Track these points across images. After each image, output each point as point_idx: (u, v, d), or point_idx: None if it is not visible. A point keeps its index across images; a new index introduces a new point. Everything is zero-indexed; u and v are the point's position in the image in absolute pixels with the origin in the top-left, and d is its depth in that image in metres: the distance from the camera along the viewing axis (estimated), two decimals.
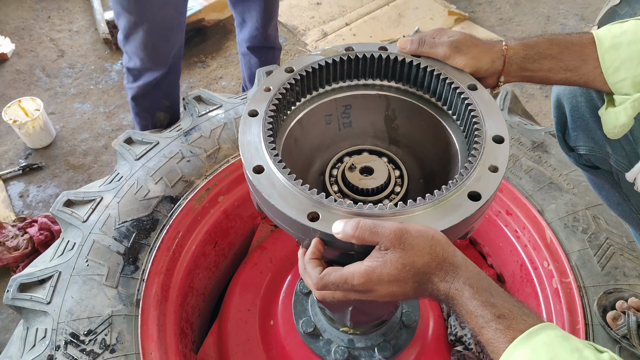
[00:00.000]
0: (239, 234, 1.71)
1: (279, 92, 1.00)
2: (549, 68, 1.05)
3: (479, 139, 0.90)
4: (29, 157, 2.79)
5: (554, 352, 0.69)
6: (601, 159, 1.28)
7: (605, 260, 1.29)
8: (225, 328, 1.50)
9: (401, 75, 1.10)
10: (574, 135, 1.30)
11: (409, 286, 0.79)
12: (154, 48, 2.13)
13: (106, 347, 1.20)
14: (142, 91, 2.27)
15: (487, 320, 0.74)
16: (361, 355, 1.35)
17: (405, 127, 1.15)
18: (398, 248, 0.77)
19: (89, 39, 3.53)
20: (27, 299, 1.27)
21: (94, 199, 1.45)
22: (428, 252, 0.78)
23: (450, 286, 0.78)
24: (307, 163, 1.13)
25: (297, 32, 3.48)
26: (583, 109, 1.25)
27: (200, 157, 1.56)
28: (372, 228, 0.79)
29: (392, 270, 0.78)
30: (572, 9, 3.63)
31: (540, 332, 0.71)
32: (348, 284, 0.80)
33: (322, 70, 1.07)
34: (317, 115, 1.12)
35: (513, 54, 1.05)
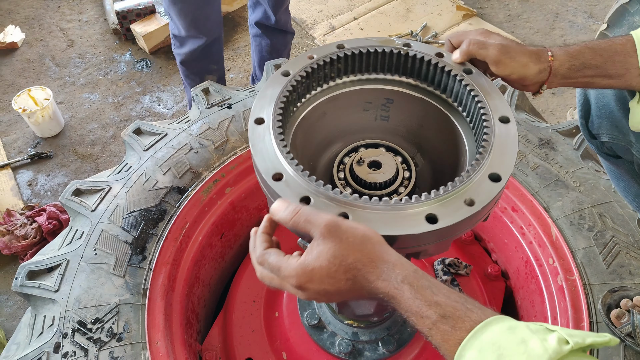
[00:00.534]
0: (246, 226, 1.72)
1: (317, 63, 1.03)
2: (592, 75, 1.05)
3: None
4: (37, 146, 2.81)
5: (500, 350, 0.67)
6: (623, 148, 1.27)
7: (611, 258, 1.29)
8: (230, 319, 1.51)
9: (445, 87, 1.09)
10: (597, 122, 1.30)
11: (342, 283, 0.76)
12: (193, 17, 2.24)
13: (113, 335, 1.21)
14: (190, 57, 2.40)
15: (434, 321, 0.72)
16: (365, 348, 1.36)
17: (433, 136, 1.16)
18: (328, 239, 0.76)
19: (98, 29, 3.54)
20: (35, 286, 1.29)
21: (102, 188, 1.46)
22: (359, 248, 0.76)
23: (388, 285, 0.74)
24: (327, 141, 1.14)
25: (305, 25, 3.48)
26: (609, 97, 1.25)
27: (208, 148, 1.57)
28: (308, 216, 0.77)
29: (324, 263, 0.75)
30: (581, 6, 3.61)
31: (485, 329, 0.69)
32: (281, 274, 0.78)
33: (371, 56, 1.07)
34: (357, 99, 1.13)
35: (559, 66, 1.04)
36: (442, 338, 0.71)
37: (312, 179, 0.86)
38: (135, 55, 3.33)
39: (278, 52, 2.68)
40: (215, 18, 2.36)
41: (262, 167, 0.90)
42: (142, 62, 3.28)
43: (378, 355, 1.35)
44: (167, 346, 1.24)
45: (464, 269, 1.58)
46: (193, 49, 2.37)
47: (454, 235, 0.86)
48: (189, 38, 2.35)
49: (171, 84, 3.14)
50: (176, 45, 2.43)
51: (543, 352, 0.65)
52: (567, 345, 0.67)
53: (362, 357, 1.35)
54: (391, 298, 0.75)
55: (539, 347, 0.66)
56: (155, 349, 1.21)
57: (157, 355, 1.20)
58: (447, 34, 3.32)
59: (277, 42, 2.64)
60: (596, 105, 1.28)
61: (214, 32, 2.38)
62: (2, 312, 2.15)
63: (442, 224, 0.80)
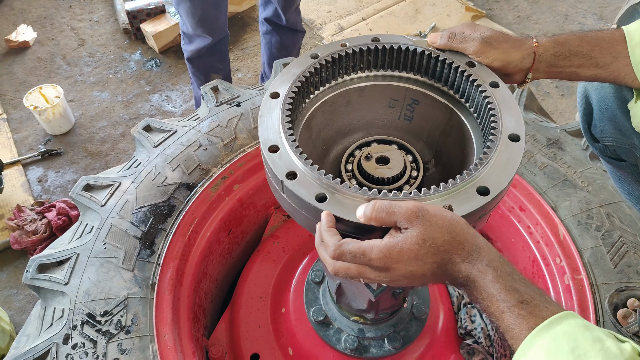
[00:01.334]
0: (253, 223, 1.73)
1: (348, 50, 1.05)
2: (579, 65, 1.05)
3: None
4: (48, 143, 2.84)
5: (575, 342, 0.68)
6: (627, 151, 1.27)
7: (619, 258, 1.29)
8: (237, 314, 1.52)
9: (469, 97, 1.08)
10: (600, 126, 1.30)
11: (428, 266, 0.76)
12: (201, 17, 2.28)
13: (121, 328, 1.22)
14: (197, 54, 2.45)
15: (510, 306, 0.72)
16: (371, 345, 1.36)
17: (452, 146, 1.15)
18: (417, 224, 0.75)
19: (109, 28, 3.57)
20: (45, 279, 1.30)
21: (112, 184, 1.48)
22: (448, 230, 0.76)
23: (472, 268, 0.75)
24: (348, 129, 1.16)
25: (313, 25, 3.49)
26: (611, 100, 1.24)
27: (217, 145, 1.58)
28: (388, 208, 0.77)
29: (413, 246, 0.75)
30: (591, 7, 3.60)
31: (561, 320, 0.70)
32: (366, 257, 0.77)
33: (402, 54, 1.09)
34: (383, 94, 1.14)
35: (543, 51, 1.04)
36: (515, 321, 0.72)
37: (303, 156, 0.88)
38: (145, 55, 3.36)
39: (288, 50, 2.70)
40: (222, 19, 2.40)
41: (263, 137, 0.93)
42: (151, 61, 3.31)
43: (384, 352, 1.35)
44: (174, 339, 1.25)
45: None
46: (200, 47, 2.42)
47: None
48: (196, 36, 2.39)
49: (180, 83, 3.16)
50: (185, 42, 2.48)
51: (619, 353, 0.67)
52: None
53: (368, 354, 1.35)
54: (471, 281, 0.76)
55: (615, 348, 0.67)
56: (163, 342, 1.22)
57: (165, 348, 1.21)
58: None
59: (287, 39, 2.65)
60: (598, 109, 1.28)
61: (220, 32, 2.43)
62: (12, 305, 2.17)
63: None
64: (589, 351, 0.67)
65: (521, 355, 0.71)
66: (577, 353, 0.67)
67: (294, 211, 0.90)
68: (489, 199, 0.82)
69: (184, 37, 2.46)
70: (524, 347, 0.71)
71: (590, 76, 1.07)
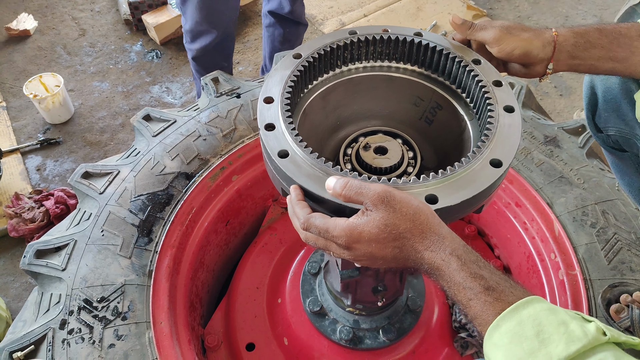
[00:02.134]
0: (251, 214, 1.74)
1: (390, 35, 1.07)
2: (598, 57, 1.04)
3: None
4: (47, 132, 2.84)
5: (540, 326, 0.69)
6: (629, 141, 1.28)
7: (613, 254, 1.30)
8: (233, 304, 1.53)
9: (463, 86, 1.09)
10: (604, 116, 1.30)
11: (388, 250, 0.78)
12: (210, 10, 2.25)
13: (118, 314, 1.23)
14: (201, 52, 2.42)
15: (476, 293, 0.74)
16: (366, 336, 1.37)
17: (438, 124, 1.16)
18: (381, 209, 0.77)
19: (110, 19, 3.57)
20: (43, 265, 1.31)
21: (111, 172, 1.48)
22: (411, 218, 0.77)
23: (435, 256, 0.77)
24: (365, 115, 1.18)
25: (315, 21, 3.49)
26: (616, 91, 1.25)
27: (216, 136, 1.58)
28: (358, 188, 0.79)
29: (373, 229, 0.77)
30: (591, 9, 3.60)
31: (527, 305, 0.71)
32: (329, 234, 0.81)
33: (435, 53, 1.09)
34: (410, 90, 1.15)
35: (563, 41, 1.03)
36: (481, 308, 0.73)
37: (294, 132, 0.91)
38: (145, 46, 3.36)
39: (290, 43, 2.69)
40: (230, 14, 2.37)
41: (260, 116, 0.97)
42: (152, 52, 3.31)
43: (378, 343, 1.36)
44: (170, 327, 1.26)
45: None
46: (205, 44, 2.39)
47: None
48: (201, 33, 2.36)
49: (180, 74, 3.16)
50: (188, 40, 2.44)
51: (583, 335, 0.67)
52: (605, 336, 0.69)
53: (363, 345, 1.36)
54: (436, 269, 0.77)
55: (579, 331, 0.68)
56: (159, 329, 1.23)
57: (161, 335, 1.22)
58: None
59: (289, 32, 2.65)
60: (603, 99, 1.28)
61: (227, 27, 2.40)
62: (9, 293, 2.17)
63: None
64: (552, 335, 0.68)
65: (488, 339, 0.73)
66: (541, 337, 0.68)
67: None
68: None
69: (187, 36, 2.42)
70: (491, 331, 0.72)
71: (608, 70, 1.07)
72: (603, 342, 0.68)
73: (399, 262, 0.80)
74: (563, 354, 0.66)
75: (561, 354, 0.66)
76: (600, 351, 0.67)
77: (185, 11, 2.31)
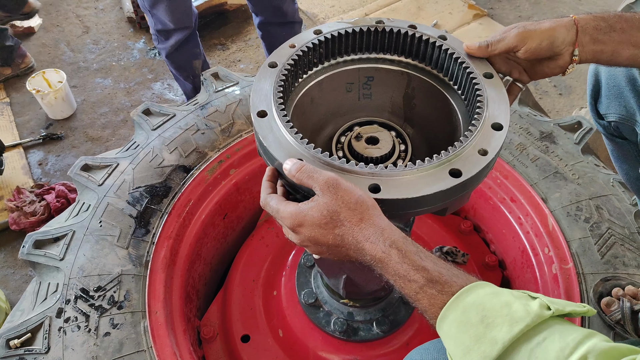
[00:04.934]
0: (248, 208, 1.75)
1: (301, 50, 1.05)
2: (619, 41, 1.02)
3: (477, 122, 0.92)
4: (49, 127, 2.87)
5: (484, 311, 0.70)
6: (629, 129, 1.29)
7: (606, 249, 1.31)
8: (229, 297, 1.54)
9: (424, 55, 1.11)
10: (606, 102, 1.31)
11: (330, 237, 0.81)
12: (180, 11, 2.32)
13: (114, 303, 1.24)
14: (174, 47, 2.46)
15: (421, 285, 0.74)
16: (360, 328, 1.38)
17: (421, 107, 1.18)
18: (327, 194, 0.80)
19: (113, 17, 3.59)
20: (41, 254, 1.32)
21: (110, 164, 1.50)
22: (352, 207, 0.79)
23: (376, 247, 0.77)
24: (319, 126, 1.17)
25: (316, 19, 3.50)
26: (619, 78, 1.25)
27: (214, 130, 1.60)
28: (310, 172, 0.82)
29: (316, 213, 0.80)
30: (592, 10, 3.59)
31: (470, 292, 0.72)
32: (279, 215, 0.86)
33: (349, 37, 1.10)
34: (339, 81, 1.16)
35: (584, 23, 1.01)
36: (428, 302, 0.74)
37: (304, 141, 0.91)
38: (148, 44, 3.38)
39: None
40: (192, 8, 2.43)
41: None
42: (154, 50, 3.33)
43: (372, 335, 1.37)
44: (166, 316, 1.27)
45: (461, 258, 1.60)
46: (178, 39, 2.42)
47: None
48: (173, 32, 2.40)
49: None
50: (161, 41, 2.46)
51: (525, 315, 0.68)
52: (549, 310, 0.69)
53: (357, 337, 1.37)
54: (378, 261, 0.78)
55: (521, 310, 0.69)
56: (155, 318, 1.24)
57: (156, 324, 1.23)
58: (457, 32, 3.34)
59: (286, 35, 2.66)
60: (606, 86, 1.29)
61: (193, 19, 2.46)
62: (8, 285, 2.19)
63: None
64: (496, 318, 0.69)
65: (439, 329, 0.74)
66: (485, 322, 0.69)
67: None
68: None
69: (159, 37, 2.45)
70: (440, 323, 0.73)
71: (629, 56, 1.03)
72: (547, 317, 0.68)
73: (341, 251, 0.82)
74: (507, 336, 0.67)
75: (505, 337, 0.67)
76: (545, 328, 0.68)
77: (154, 14, 2.33)
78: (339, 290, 1.31)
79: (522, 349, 0.67)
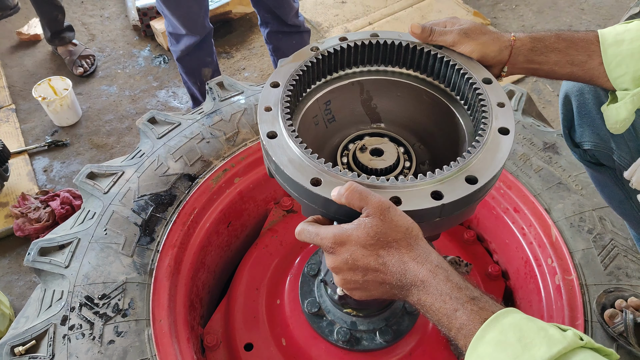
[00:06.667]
0: (252, 217, 1.76)
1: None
2: (555, 62, 1.08)
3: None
4: (55, 134, 2.89)
5: (521, 332, 0.71)
6: (605, 155, 1.30)
7: (609, 260, 1.31)
8: (233, 305, 1.55)
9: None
10: (579, 131, 1.32)
11: (372, 259, 0.80)
12: (186, 15, 2.35)
13: (118, 311, 1.25)
14: (185, 53, 2.50)
15: (463, 302, 0.76)
16: (363, 337, 1.38)
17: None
18: (378, 217, 0.80)
19: (119, 25, 3.62)
20: (46, 262, 1.33)
21: (115, 172, 1.51)
22: (402, 231, 0.80)
23: (422, 268, 0.79)
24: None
25: (320, 28, 3.53)
26: (590, 105, 1.27)
27: (219, 139, 1.61)
28: (361, 193, 0.81)
29: (362, 234, 0.80)
30: (595, 19, 3.62)
31: (507, 314, 0.74)
32: (318, 238, 0.84)
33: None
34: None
35: (520, 45, 1.07)
36: (468, 317, 0.75)
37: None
38: (153, 51, 3.41)
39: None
40: (204, 15, 2.45)
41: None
42: (160, 57, 3.35)
43: (375, 345, 1.37)
44: (170, 325, 1.28)
45: (464, 268, 1.60)
46: (188, 44, 2.47)
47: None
48: (183, 36, 2.45)
49: None
50: (172, 43, 2.52)
51: (562, 339, 0.70)
52: (582, 340, 0.71)
53: (360, 346, 1.37)
54: (420, 282, 0.79)
55: (558, 335, 0.71)
56: (159, 327, 1.25)
57: (160, 333, 1.24)
58: None
59: (296, 43, 2.69)
60: (578, 114, 1.31)
61: (206, 26, 2.48)
62: (13, 291, 2.20)
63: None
64: (534, 339, 0.70)
65: (472, 350, 0.74)
66: (523, 342, 0.70)
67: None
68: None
69: (171, 39, 2.51)
70: (475, 342, 0.73)
71: (567, 74, 1.09)
72: (581, 345, 0.71)
73: (378, 275, 0.81)
74: (546, 355, 0.68)
75: (544, 356, 0.68)
76: (580, 353, 0.70)
77: (166, 15, 2.39)
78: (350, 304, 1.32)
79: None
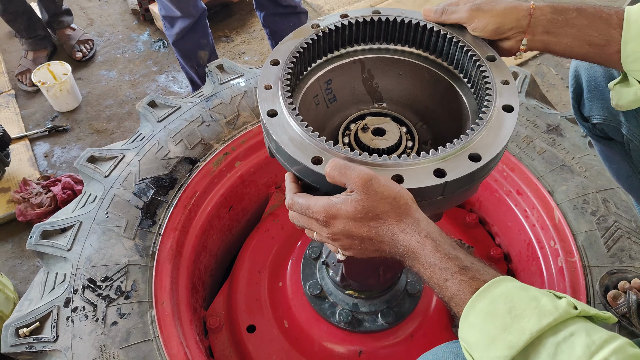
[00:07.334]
0: (254, 201, 1.75)
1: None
2: (574, 37, 1.01)
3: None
4: (55, 119, 2.87)
5: (512, 303, 0.70)
6: (614, 129, 1.28)
7: (612, 242, 1.31)
8: (235, 288, 1.55)
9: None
10: (589, 105, 1.30)
11: (365, 229, 0.80)
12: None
13: (121, 293, 1.25)
14: (180, 36, 2.48)
15: (452, 272, 0.75)
16: (364, 319, 1.39)
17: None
18: (362, 191, 0.79)
19: (118, 9, 3.59)
20: (48, 245, 1.33)
21: (116, 156, 1.51)
22: (390, 202, 0.79)
23: (411, 238, 0.78)
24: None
25: (321, 11, 3.49)
26: (600, 79, 1.25)
27: (219, 122, 1.60)
28: (342, 169, 0.81)
29: (350, 209, 0.79)
30: None
31: (499, 284, 0.72)
32: (309, 211, 0.84)
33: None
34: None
35: (540, 14, 1.00)
36: (458, 287, 0.74)
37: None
38: (152, 36, 3.38)
39: None
40: None
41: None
42: (159, 42, 3.33)
43: (377, 326, 1.38)
44: (172, 306, 1.28)
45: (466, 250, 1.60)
46: (182, 27, 2.44)
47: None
48: (177, 18, 2.41)
49: None
50: (167, 27, 2.49)
51: (554, 309, 0.69)
52: (575, 309, 0.70)
53: (361, 328, 1.38)
54: (411, 252, 0.78)
55: (550, 305, 0.69)
56: (161, 309, 1.25)
57: (163, 314, 1.24)
58: None
59: (294, 25, 2.66)
60: (588, 88, 1.28)
61: (198, 7, 2.44)
62: (16, 275, 2.21)
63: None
64: (524, 310, 0.69)
65: (464, 319, 0.74)
66: (513, 313, 0.69)
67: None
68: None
69: (165, 23, 2.48)
70: (467, 311, 0.73)
71: (582, 54, 1.04)
72: (574, 315, 0.69)
73: (374, 244, 0.82)
74: (535, 327, 0.67)
75: (533, 328, 0.67)
76: (571, 324, 0.68)
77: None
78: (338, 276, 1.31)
79: (548, 342, 0.67)
